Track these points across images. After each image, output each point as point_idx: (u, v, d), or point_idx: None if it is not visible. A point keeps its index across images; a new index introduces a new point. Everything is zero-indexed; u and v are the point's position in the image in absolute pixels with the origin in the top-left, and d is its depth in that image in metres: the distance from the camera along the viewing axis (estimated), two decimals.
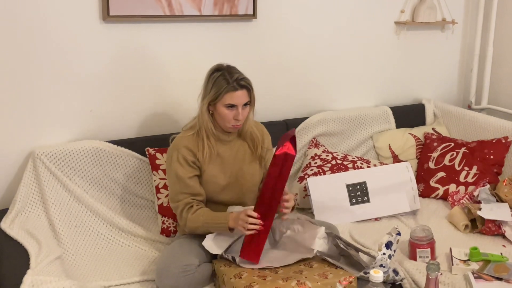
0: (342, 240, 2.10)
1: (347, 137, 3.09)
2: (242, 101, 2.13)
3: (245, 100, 2.14)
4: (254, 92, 2.18)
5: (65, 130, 2.52)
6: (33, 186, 2.36)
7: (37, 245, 2.10)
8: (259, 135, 2.30)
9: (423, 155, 3.04)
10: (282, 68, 2.97)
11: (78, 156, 2.43)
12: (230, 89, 2.10)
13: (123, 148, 2.53)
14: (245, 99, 2.14)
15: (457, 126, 3.21)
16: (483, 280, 2.05)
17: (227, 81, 2.10)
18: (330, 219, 2.48)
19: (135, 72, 2.60)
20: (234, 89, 2.11)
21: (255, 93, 2.19)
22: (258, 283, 1.86)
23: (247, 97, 2.15)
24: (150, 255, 2.35)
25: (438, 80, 3.51)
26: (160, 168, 2.52)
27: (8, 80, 2.35)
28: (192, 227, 2.15)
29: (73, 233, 2.35)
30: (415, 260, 2.24)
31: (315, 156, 2.88)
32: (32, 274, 1.86)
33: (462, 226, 2.50)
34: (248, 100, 2.16)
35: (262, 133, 2.32)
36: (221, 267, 2.06)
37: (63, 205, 2.38)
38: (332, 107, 3.16)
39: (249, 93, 2.16)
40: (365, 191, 2.64)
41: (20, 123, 2.42)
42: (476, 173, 2.83)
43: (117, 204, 2.51)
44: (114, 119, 2.61)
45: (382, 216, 2.65)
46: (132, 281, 2.13)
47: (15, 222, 2.24)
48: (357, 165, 2.83)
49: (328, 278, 1.89)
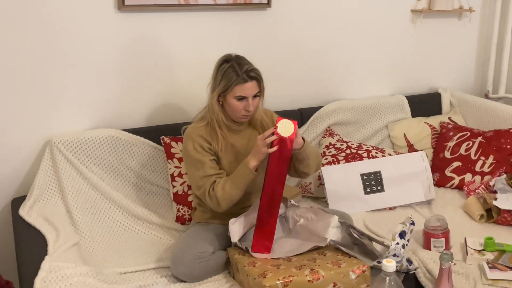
0: (355, 229, 2.11)
1: (362, 126, 3.08)
2: (252, 93, 2.13)
3: (255, 91, 2.14)
4: (264, 82, 2.17)
5: (81, 119, 2.55)
6: (50, 174, 2.39)
7: (55, 231, 2.13)
8: (269, 122, 2.30)
9: (438, 145, 3.02)
10: (297, 57, 2.97)
11: (94, 145, 2.46)
12: (240, 81, 2.09)
13: (138, 136, 2.55)
14: (255, 90, 2.13)
15: (474, 115, 3.18)
16: (497, 270, 2.04)
17: (237, 73, 2.09)
18: (344, 208, 2.48)
19: (150, 62, 2.62)
20: (244, 81, 2.10)
21: (266, 82, 2.18)
22: (272, 272, 1.87)
23: (256, 88, 2.14)
24: (165, 242, 2.38)
25: (454, 68, 3.47)
26: (175, 157, 2.54)
27: (26, 70, 2.38)
28: (225, 197, 2.11)
29: (89, 220, 2.38)
30: (430, 249, 2.23)
31: (329, 145, 2.88)
32: (50, 260, 1.90)
33: (477, 216, 2.49)
34: (258, 90, 2.15)
35: (271, 119, 2.32)
36: (235, 255, 2.07)
37: (80, 193, 2.41)
38: (347, 96, 3.15)
39: (258, 84, 2.15)
40: (380, 180, 2.64)
41: (37, 113, 2.45)
42: (492, 163, 2.81)
43: (132, 192, 2.53)
44: (129, 108, 2.63)
45: (396, 205, 2.65)
46: (147, 268, 2.15)
47: (33, 209, 2.28)
48: (372, 154, 2.82)
49: (341, 266, 1.90)
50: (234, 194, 2.11)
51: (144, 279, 2.07)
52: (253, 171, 2.09)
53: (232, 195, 2.11)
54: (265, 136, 2.04)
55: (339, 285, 1.87)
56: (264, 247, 2.08)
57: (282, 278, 1.82)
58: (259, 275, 1.86)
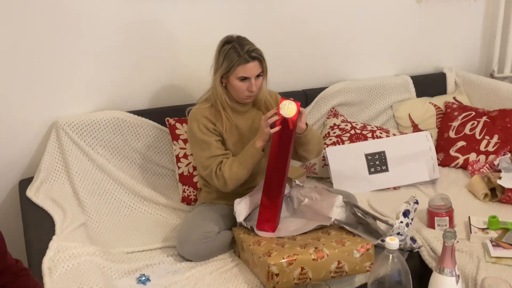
0: (359, 209, 2.12)
1: (367, 107, 3.08)
2: (254, 73, 2.12)
3: (258, 72, 2.13)
4: (266, 62, 2.16)
5: (86, 101, 2.56)
6: (56, 155, 2.41)
7: (62, 212, 2.16)
8: (273, 103, 2.30)
9: (443, 124, 3.02)
10: (301, 37, 2.95)
11: (99, 126, 2.47)
12: (242, 62, 2.09)
13: (143, 118, 2.56)
14: (257, 71, 2.13)
15: (479, 95, 3.17)
16: (501, 248, 2.05)
17: (238, 53, 2.09)
18: (349, 188, 2.49)
19: (154, 44, 2.62)
20: (246, 61, 2.09)
21: (270, 63, 2.17)
22: (277, 250, 1.89)
23: (259, 68, 2.13)
24: (171, 222, 2.40)
25: (460, 48, 3.45)
26: (180, 138, 2.55)
27: (31, 53, 2.39)
28: (232, 177, 2.12)
29: (96, 201, 2.41)
30: (433, 228, 2.24)
31: (334, 126, 2.88)
32: (57, 240, 1.92)
33: (481, 195, 2.50)
34: (261, 71, 2.15)
35: (276, 100, 2.32)
36: (241, 235, 2.09)
37: (86, 174, 2.43)
38: (352, 76, 3.14)
39: (261, 64, 2.14)
40: (384, 160, 2.65)
41: (43, 95, 2.46)
42: (497, 142, 2.81)
43: (138, 173, 2.55)
44: (134, 89, 2.64)
45: (400, 185, 2.66)
46: (154, 248, 2.18)
47: (40, 190, 2.30)
48: (376, 134, 2.82)
49: (345, 245, 1.92)
50: (241, 174, 2.13)
51: (151, 259, 2.10)
52: (259, 151, 2.10)
53: (239, 175, 2.12)
54: (268, 117, 2.05)
55: (343, 263, 1.89)
56: (269, 226, 2.09)
57: (286, 257, 1.84)
58: (264, 253, 1.88)
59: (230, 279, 1.96)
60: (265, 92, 2.29)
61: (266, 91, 2.30)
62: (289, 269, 1.83)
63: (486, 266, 1.97)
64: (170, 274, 2.00)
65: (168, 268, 2.04)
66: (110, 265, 1.96)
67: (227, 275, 1.99)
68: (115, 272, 1.96)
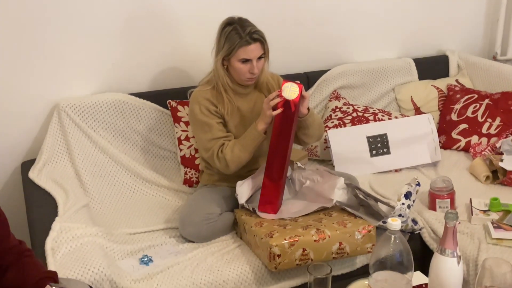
0: (361, 191, 2.13)
1: (369, 90, 3.07)
2: (256, 55, 2.11)
3: (259, 53, 2.12)
4: (268, 44, 2.15)
5: (88, 83, 2.55)
6: (58, 137, 2.41)
7: (64, 194, 2.17)
8: (275, 86, 2.29)
9: (445, 107, 3.01)
10: (303, 20, 2.93)
11: (101, 108, 2.47)
12: (244, 44, 2.07)
13: (145, 100, 2.55)
14: (259, 52, 2.12)
15: (482, 77, 3.16)
16: (502, 229, 2.06)
17: (240, 35, 2.07)
18: (350, 171, 2.49)
19: (156, 25, 2.60)
20: (247, 43, 2.08)
21: (272, 45, 2.16)
22: (278, 231, 1.90)
23: (260, 49, 2.12)
24: (173, 204, 2.41)
25: (462, 30, 3.42)
26: (182, 120, 2.55)
27: (33, 35, 2.38)
28: (233, 159, 2.12)
29: (98, 183, 2.41)
30: (435, 210, 2.25)
31: (336, 108, 2.87)
32: (60, 221, 1.93)
33: (483, 177, 2.50)
34: (262, 52, 2.13)
35: (278, 83, 2.31)
36: (242, 216, 2.10)
37: (88, 156, 2.43)
38: (354, 59, 3.13)
39: (262, 45, 2.13)
40: (386, 143, 2.64)
41: (45, 77, 2.45)
42: (499, 125, 2.80)
43: (140, 155, 2.56)
44: (136, 72, 2.63)
45: (402, 167, 2.66)
46: (156, 229, 2.19)
47: (42, 172, 2.31)
48: (378, 117, 2.82)
49: (347, 226, 1.93)
50: (243, 156, 2.13)
51: (153, 240, 2.11)
52: (261, 134, 2.10)
53: (241, 157, 2.12)
54: (270, 99, 2.04)
55: (345, 244, 1.90)
56: (271, 207, 2.10)
57: (288, 238, 1.85)
58: (266, 235, 1.89)
59: (232, 260, 1.98)
60: (267, 75, 2.28)
61: (268, 74, 2.29)
62: (291, 250, 1.84)
63: (487, 248, 1.98)
64: (173, 255, 2.02)
65: (170, 249, 2.06)
66: (112, 246, 1.97)
67: (229, 256, 2.01)
68: (117, 252, 1.98)
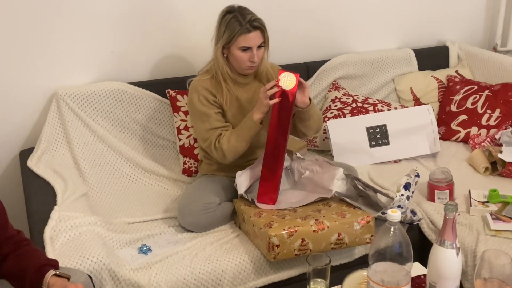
0: (360, 181, 2.13)
1: (368, 80, 3.06)
2: (256, 43, 2.09)
3: (259, 42, 2.11)
4: (268, 33, 2.13)
5: (87, 71, 2.54)
6: (57, 126, 2.40)
7: (63, 182, 2.16)
8: (275, 76, 2.28)
9: (445, 98, 3.01)
10: (303, 10, 2.92)
11: (100, 97, 2.46)
12: (244, 31, 2.06)
13: (144, 89, 2.54)
14: (259, 41, 2.10)
15: (482, 68, 3.15)
16: (501, 221, 2.07)
17: (240, 23, 2.06)
18: (350, 162, 2.49)
19: (155, 14, 2.58)
20: (247, 31, 2.07)
21: (272, 35, 2.15)
22: (277, 222, 1.90)
23: (261, 38, 2.11)
24: (172, 193, 2.41)
25: (463, 21, 3.41)
26: (181, 110, 2.54)
27: (31, 23, 2.36)
28: (230, 149, 2.11)
29: (97, 172, 2.41)
30: (434, 201, 2.25)
31: (335, 99, 2.87)
32: (59, 210, 1.93)
33: (482, 168, 2.50)
34: (262, 41, 2.12)
35: (278, 73, 2.30)
36: (241, 206, 2.10)
37: (87, 145, 2.42)
38: (354, 49, 3.12)
39: (262, 34, 2.11)
40: (385, 133, 2.64)
41: (43, 65, 2.44)
42: (498, 116, 2.80)
43: (139, 145, 2.55)
44: (135, 60, 2.62)
45: (401, 158, 2.66)
46: (155, 218, 2.19)
47: (41, 161, 2.30)
48: (378, 108, 2.81)
49: (346, 217, 1.93)
50: (240, 146, 2.12)
51: (152, 229, 2.11)
52: (257, 123, 2.09)
53: (237, 147, 2.12)
54: (267, 88, 2.04)
55: (344, 235, 1.90)
56: (269, 198, 2.10)
57: (287, 228, 1.85)
58: (265, 225, 1.89)
59: (231, 250, 1.98)
60: (267, 64, 2.27)
61: (268, 64, 2.28)
62: (290, 241, 1.84)
63: (485, 239, 1.99)
64: (171, 244, 2.02)
65: (169, 239, 2.06)
66: (111, 235, 1.97)
67: (227, 246, 2.01)
68: (116, 242, 1.98)
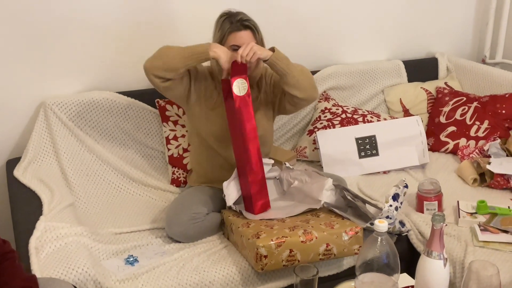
0: (349, 192, 2.12)
1: (358, 91, 3.07)
2: (246, 42, 2.07)
3: (250, 41, 2.08)
4: (262, 35, 2.12)
5: (75, 80, 2.53)
6: (44, 135, 2.39)
7: (50, 192, 2.14)
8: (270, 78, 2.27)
9: (434, 109, 3.02)
10: (293, 20, 2.93)
11: (88, 107, 2.44)
12: (234, 29, 2.06)
13: (133, 99, 2.53)
14: (249, 40, 2.08)
15: (470, 80, 3.17)
16: (489, 232, 2.07)
17: (231, 21, 2.08)
18: (339, 172, 2.49)
19: (145, 23, 2.58)
20: (237, 29, 2.07)
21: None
22: (265, 232, 1.89)
23: (251, 38, 2.09)
24: (160, 204, 2.39)
25: (452, 33, 3.44)
26: (170, 120, 2.53)
27: (19, 31, 2.35)
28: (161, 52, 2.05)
29: (84, 182, 2.39)
30: (422, 212, 2.25)
31: (325, 109, 2.87)
32: (45, 220, 1.90)
33: (470, 179, 2.51)
34: (254, 42, 2.10)
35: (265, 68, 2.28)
36: (230, 217, 2.09)
37: (74, 155, 2.41)
38: (344, 60, 3.13)
39: (254, 34, 2.10)
40: (374, 144, 2.64)
41: (31, 74, 2.43)
42: (487, 128, 2.81)
43: (127, 154, 2.53)
44: (124, 70, 2.61)
45: (390, 169, 2.66)
46: (142, 229, 2.17)
47: (27, 170, 2.28)
48: (367, 119, 2.82)
49: (334, 228, 1.92)
50: (173, 54, 2.03)
51: (139, 240, 2.09)
52: (206, 50, 2.00)
53: (169, 55, 2.03)
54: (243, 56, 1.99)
55: (332, 246, 1.90)
56: (264, 205, 2.10)
57: (275, 239, 1.84)
58: (253, 235, 1.88)
59: (218, 261, 1.96)
60: (261, 70, 2.24)
61: (262, 68, 2.24)
62: (278, 251, 1.83)
63: (474, 250, 1.98)
64: (158, 255, 2.00)
65: (156, 249, 2.04)
66: (98, 245, 1.95)
67: (215, 256, 1.99)
68: (103, 252, 1.95)
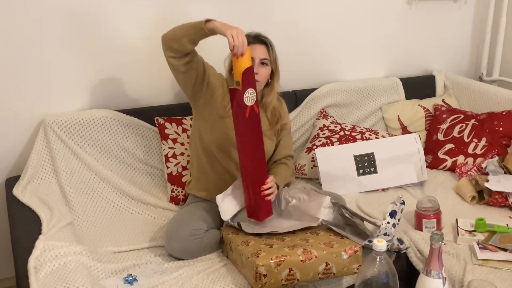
0: (347, 210, 2.13)
1: (356, 108, 3.09)
2: (259, 55, 2.10)
3: (262, 55, 2.11)
4: (276, 55, 2.12)
5: (75, 99, 2.54)
6: (44, 154, 2.39)
7: (49, 211, 2.14)
8: (281, 113, 2.29)
9: (432, 127, 3.03)
10: (292, 38, 2.96)
11: (88, 125, 2.45)
12: (249, 41, 2.08)
13: (132, 117, 2.55)
14: (262, 54, 2.11)
15: (468, 97, 3.19)
16: (488, 250, 2.07)
17: (248, 35, 2.11)
18: (338, 190, 2.50)
19: (143, 42, 2.60)
20: (253, 42, 2.11)
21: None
22: (265, 251, 1.89)
23: (265, 53, 2.12)
24: (159, 222, 2.39)
25: (449, 51, 3.47)
26: (169, 138, 2.54)
27: (19, 49, 2.37)
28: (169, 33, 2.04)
29: (84, 200, 2.39)
30: (421, 230, 2.25)
31: (323, 127, 2.88)
32: (44, 239, 1.90)
33: (469, 197, 2.51)
34: (267, 58, 2.12)
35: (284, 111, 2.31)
36: (229, 235, 2.09)
37: (74, 173, 2.41)
38: (342, 78, 3.15)
39: (268, 51, 2.13)
40: (373, 162, 2.65)
41: (31, 92, 2.44)
42: (485, 145, 2.82)
43: (127, 172, 2.54)
44: (124, 88, 2.63)
45: (389, 187, 2.66)
46: (141, 247, 2.17)
47: (27, 189, 2.28)
48: (366, 136, 2.83)
49: (333, 247, 1.92)
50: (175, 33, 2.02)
51: (138, 258, 2.09)
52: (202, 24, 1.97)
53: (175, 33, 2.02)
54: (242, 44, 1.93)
55: (331, 264, 1.89)
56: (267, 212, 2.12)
57: (275, 258, 1.84)
58: (252, 254, 1.87)
59: (218, 280, 1.96)
60: (275, 97, 2.26)
61: (276, 96, 2.25)
62: (277, 270, 1.83)
63: (472, 268, 1.98)
64: (158, 274, 1.99)
65: (155, 268, 2.03)
66: (97, 264, 1.94)
67: (214, 275, 1.99)
68: (102, 271, 1.95)
